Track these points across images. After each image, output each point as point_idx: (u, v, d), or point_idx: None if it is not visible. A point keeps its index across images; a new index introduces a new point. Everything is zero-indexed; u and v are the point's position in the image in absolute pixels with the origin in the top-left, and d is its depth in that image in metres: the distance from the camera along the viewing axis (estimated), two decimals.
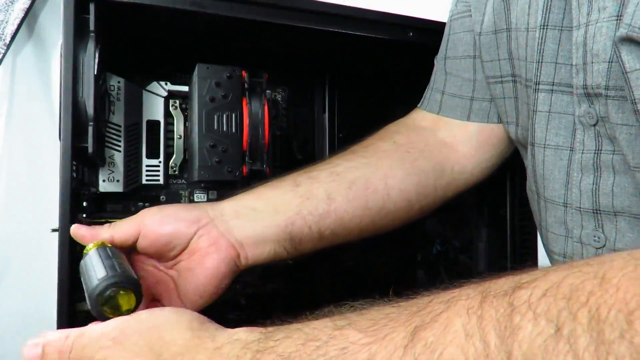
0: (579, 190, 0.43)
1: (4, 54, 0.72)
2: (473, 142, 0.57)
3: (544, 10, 0.44)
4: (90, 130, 0.52)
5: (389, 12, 0.64)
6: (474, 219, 0.73)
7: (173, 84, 0.72)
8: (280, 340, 0.30)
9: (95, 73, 0.52)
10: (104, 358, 0.32)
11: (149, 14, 0.57)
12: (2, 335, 0.77)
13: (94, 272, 0.37)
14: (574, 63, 0.41)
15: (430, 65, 0.78)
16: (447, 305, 0.26)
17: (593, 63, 0.39)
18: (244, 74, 0.61)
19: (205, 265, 0.45)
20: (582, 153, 0.42)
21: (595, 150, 0.41)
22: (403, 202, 0.53)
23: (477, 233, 0.73)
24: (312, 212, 0.48)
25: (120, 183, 0.67)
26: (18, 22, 0.72)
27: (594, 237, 0.42)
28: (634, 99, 0.35)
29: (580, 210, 0.43)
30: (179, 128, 0.73)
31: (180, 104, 0.73)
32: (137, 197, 0.72)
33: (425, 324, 0.25)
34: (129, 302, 0.36)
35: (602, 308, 0.21)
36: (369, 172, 0.52)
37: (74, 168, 0.54)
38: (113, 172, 0.67)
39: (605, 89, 0.38)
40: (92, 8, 0.51)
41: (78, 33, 0.50)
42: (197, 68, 0.59)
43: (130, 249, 0.46)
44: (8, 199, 0.77)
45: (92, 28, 0.51)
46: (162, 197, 0.74)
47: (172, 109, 0.73)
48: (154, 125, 0.71)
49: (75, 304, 0.53)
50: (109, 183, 0.67)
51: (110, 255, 0.39)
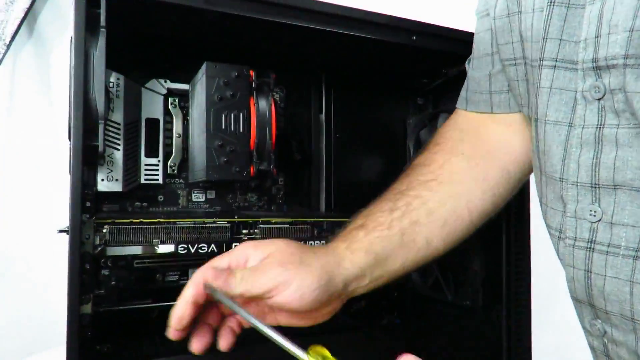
0: (577, 165, 0.44)
1: (4, 54, 0.70)
2: (524, 134, 0.57)
3: None
4: (101, 129, 0.51)
5: (394, 15, 0.65)
6: None
7: (172, 82, 0.71)
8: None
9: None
10: None
11: (158, 11, 0.56)
12: (2, 336, 0.74)
13: None
14: (583, 38, 0.43)
15: (431, 69, 0.79)
16: None
17: (610, 34, 0.40)
18: (252, 74, 0.60)
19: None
20: (582, 128, 0.44)
21: (598, 125, 0.43)
22: (483, 219, 0.56)
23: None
24: (412, 260, 0.51)
25: (120, 182, 0.66)
26: (18, 22, 0.69)
27: (590, 211, 0.43)
28: None
29: (577, 185, 0.44)
30: (178, 127, 0.72)
31: (180, 102, 0.72)
32: (134, 196, 0.71)
33: None
34: None
35: None
36: (455, 204, 0.54)
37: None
38: (112, 171, 0.65)
39: (624, 58, 0.39)
40: (102, 3, 0.50)
41: (89, 28, 0.49)
42: (205, 66, 0.58)
43: None
44: (8, 199, 0.74)
45: (102, 24, 0.50)
46: (159, 197, 0.73)
47: (171, 107, 0.72)
48: (153, 124, 0.70)
49: (81, 306, 0.52)
50: (108, 182, 0.65)
51: None
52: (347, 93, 0.85)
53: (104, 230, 0.53)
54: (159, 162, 0.70)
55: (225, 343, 0.45)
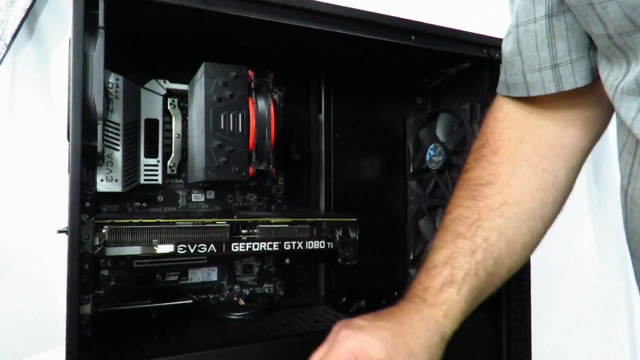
0: None
1: (4, 54, 0.70)
2: (582, 116, 0.53)
3: None
4: (99, 129, 0.51)
5: (392, 15, 0.65)
6: None
7: (172, 82, 0.71)
8: None
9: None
10: None
11: (157, 11, 0.56)
12: (2, 336, 0.74)
13: None
14: None
15: (430, 69, 0.79)
16: None
17: None
18: (251, 74, 0.60)
19: None
20: None
21: None
22: (553, 222, 0.55)
23: None
24: (495, 284, 0.52)
25: (119, 182, 0.66)
26: (18, 22, 0.70)
27: None
28: None
29: None
30: (177, 127, 0.72)
31: (179, 103, 0.73)
32: (134, 197, 0.71)
33: None
34: None
35: None
36: (531, 224, 0.52)
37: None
38: (112, 171, 0.65)
39: None
40: (101, 4, 0.50)
41: (87, 29, 0.49)
42: (203, 66, 0.58)
43: None
44: (8, 199, 0.75)
45: (101, 24, 0.50)
46: (159, 197, 0.73)
47: (170, 108, 0.72)
48: (152, 124, 0.70)
49: (80, 306, 0.52)
50: (108, 182, 0.65)
51: None
52: (346, 93, 0.85)
53: (104, 231, 0.53)
54: (159, 162, 0.70)
55: None
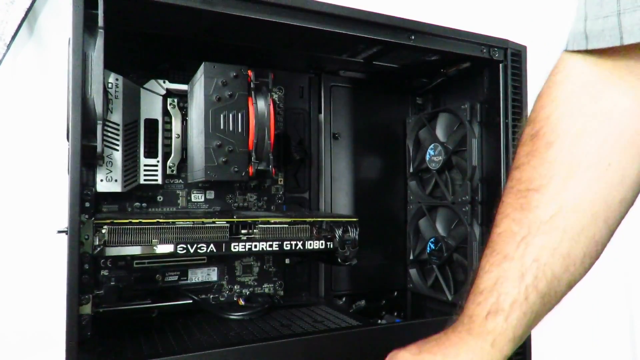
0: None
1: (4, 54, 0.70)
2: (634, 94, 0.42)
3: None
4: (99, 129, 0.51)
5: (392, 15, 0.65)
6: (468, 218, 0.75)
7: (171, 82, 0.71)
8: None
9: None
10: None
11: (156, 11, 0.56)
12: (2, 336, 0.74)
13: None
14: None
15: (430, 68, 0.79)
16: None
17: None
18: (250, 74, 0.60)
19: None
20: None
21: None
22: (621, 221, 0.46)
23: (471, 232, 0.75)
24: (552, 304, 0.45)
25: (119, 182, 0.66)
26: (18, 22, 0.69)
27: None
28: None
29: None
30: (177, 127, 0.72)
31: (178, 103, 0.72)
32: (133, 197, 0.71)
33: None
34: None
35: None
36: (591, 232, 0.44)
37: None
38: (111, 171, 0.65)
39: None
40: (101, 4, 0.49)
41: (87, 29, 0.49)
42: (203, 66, 0.58)
43: None
44: (7, 199, 0.75)
45: (101, 24, 0.50)
46: (159, 197, 0.73)
47: (170, 108, 0.72)
48: (152, 124, 0.70)
49: (80, 306, 0.52)
50: (107, 182, 0.65)
51: None
52: (346, 92, 0.85)
53: (103, 231, 0.53)
54: (158, 162, 0.70)
55: None
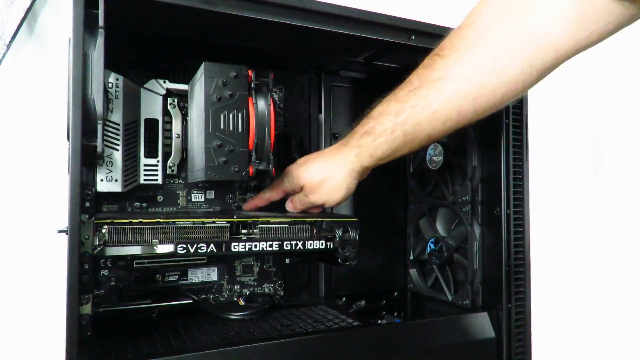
0: None
1: (4, 54, 0.70)
2: (570, 18, 0.49)
3: None
4: (99, 129, 0.51)
5: (392, 15, 0.65)
6: (469, 218, 0.75)
7: (171, 82, 0.71)
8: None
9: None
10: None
11: (156, 11, 0.56)
12: (2, 336, 0.74)
13: None
14: None
15: None
16: None
17: None
18: (250, 73, 0.60)
19: None
20: None
21: None
22: (490, 111, 0.56)
23: (471, 232, 0.75)
24: (415, 149, 0.61)
25: (119, 182, 0.66)
26: (18, 22, 0.70)
27: None
28: None
29: None
30: (177, 127, 0.72)
31: (179, 103, 0.72)
32: (133, 197, 0.71)
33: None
34: None
35: None
36: (460, 102, 0.54)
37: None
38: (111, 171, 0.65)
39: None
40: (101, 4, 0.50)
41: (87, 29, 0.49)
42: (203, 66, 0.58)
43: None
44: (7, 199, 0.75)
45: (101, 24, 0.50)
46: (159, 197, 0.73)
47: (170, 108, 0.72)
48: (152, 124, 0.70)
49: (80, 306, 0.52)
50: (107, 182, 0.65)
51: None
52: (346, 93, 0.85)
53: (103, 231, 0.53)
54: (158, 162, 0.70)
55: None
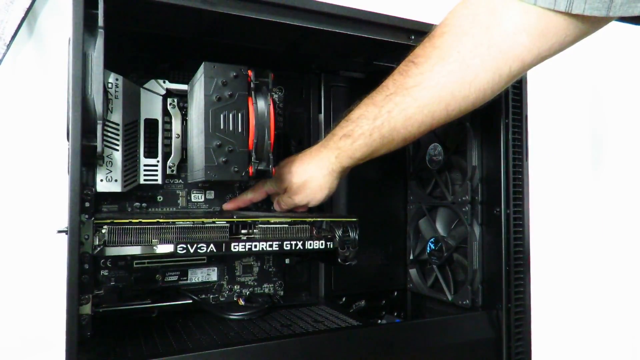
0: None
1: (4, 54, 0.70)
2: (534, 32, 0.52)
3: None
4: (99, 129, 0.51)
5: (391, 14, 0.65)
6: (468, 218, 0.75)
7: (171, 82, 0.71)
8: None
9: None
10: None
11: (156, 11, 0.56)
12: (2, 336, 0.74)
13: None
14: None
15: None
16: None
17: None
18: (250, 74, 0.60)
19: None
20: None
21: None
22: (461, 114, 0.60)
23: (471, 232, 0.75)
24: (392, 150, 0.65)
25: (119, 183, 0.66)
26: (18, 22, 0.70)
27: None
28: None
29: None
30: (177, 127, 0.72)
31: (178, 103, 0.72)
32: (133, 197, 0.71)
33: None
34: None
35: None
36: (434, 108, 0.58)
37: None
38: (111, 171, 0.65)
39: None
40: (101, 4, 0.50)
41: (87, 29, 0.49)
42: (203, 66, 0.58)
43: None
44: (7, 199, 0.74)
45: (101, 24, 0.50)
46: (159, 197, 0.73)
47: (170, 108, 0.72)
48: (152, 124, 0.70)
49: (80, 306, 0.52)
50: (107, 183, 0.65)
51: None
52: (346, 93, 0.85)
53: (103, 231, 0.53)
54: (158, 162, 0.70)
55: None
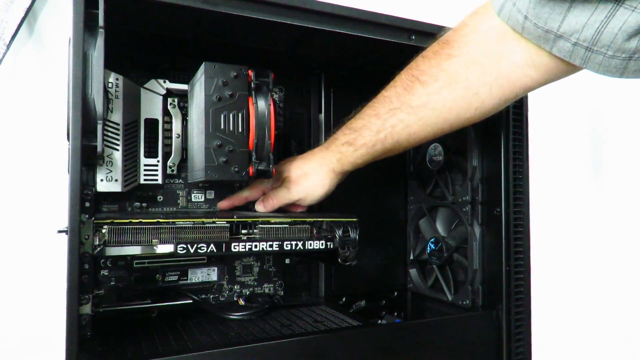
0: None
1: (4, 54, 0.70)
2: (544, 68, 0.52)
3: None
4: (99, 129, 0.50)
5: (392, 14, 0.65)
6: (469, 218, 0.75)
7: (171, 82, 0.71)
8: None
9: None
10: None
11: (157, 11, 0.56)
12: (2, 336, 0.74)
13: None
14: None
15: None
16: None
17: None
18: (251, 73, 0.60)
19: None
20: None
21: None
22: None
23: (471, 232, 0.75)
24: (390, 155, 0.67)
25: (119, 182, 0.66)
26: (18, 22, 0.70)
27: None
28: None
29: None
30: (177, 127, 0.72)
31: (179, 103, 0.72)
32: (133, 197, 0.71)
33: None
34: None
35: None
36: (437, 127, 0.60)
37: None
38: (111, 171, 0.65)
39: None
40: (101, 4, 0.50)
41: (87, 29, 0.49)
42: (203, 66, 0.58)
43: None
44: (7, 199, 0.74)
45: (101, 24, 0.50)
46: (159, 197, 0.73)
47: (170, 108, 0.72)
48: (152, 124, 0.70)
49: (80, 306, 0.52)
50: (108, 182, 0.65)
51: None
52: (346, 92, 0.85)
53: (103, 231, 0.53)
54: (158, 162, 0.70)
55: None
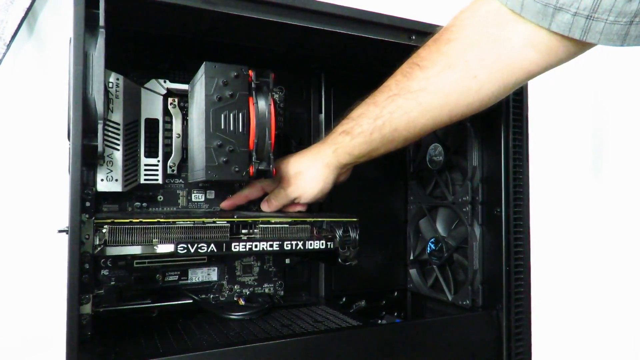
0: None
1: (4, 54, 0.70)
2: (543, 49, 0.51)
3: None
4: (100, 129, 0.51)
5: (392, 14, 0.65)
6: (469, 218, 0.75)
7: (172, 82, 0.71)
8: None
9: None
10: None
11: (157, 11, 0.56)
12: (2, 336, 0.74)
13: None
14: None
15: None
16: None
17: None
18: (251, 73, 0.60)
19: None
20: None
21: None
22: (462, 118, 0.60)
23: (471, 232, 0.75)
24: (392, 150, 0.65)
25: (119, 182, 0.66)
26: (18, 22, 0.70)
27: None
28: None
29: None
30: (178, 127, 0.72)
31: (179, 102, 0.72)
32: (134, 196, 0.71)
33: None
34: None
35: None
36: (437, 113, 0.58)
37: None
38: (112, 171, 0.65)
39: None
40: (102, 3, 0.50)
41: (88, 29, 0.49)
42: (204, 66, 0.58)
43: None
44: (7, 199, 0.75)
45: (101, 24, 0.50)
46: (159, 197, 0.73)
47: (170, 108, 0.72)
48: (153, 124, 0.70)
49: (80, 306, 0.52)
50: (108, 182, 0.65)
51: None
52: (346, 93, 0.85)
53: (104, 230, 0.53)
54: (159, 162, 0.70)
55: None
